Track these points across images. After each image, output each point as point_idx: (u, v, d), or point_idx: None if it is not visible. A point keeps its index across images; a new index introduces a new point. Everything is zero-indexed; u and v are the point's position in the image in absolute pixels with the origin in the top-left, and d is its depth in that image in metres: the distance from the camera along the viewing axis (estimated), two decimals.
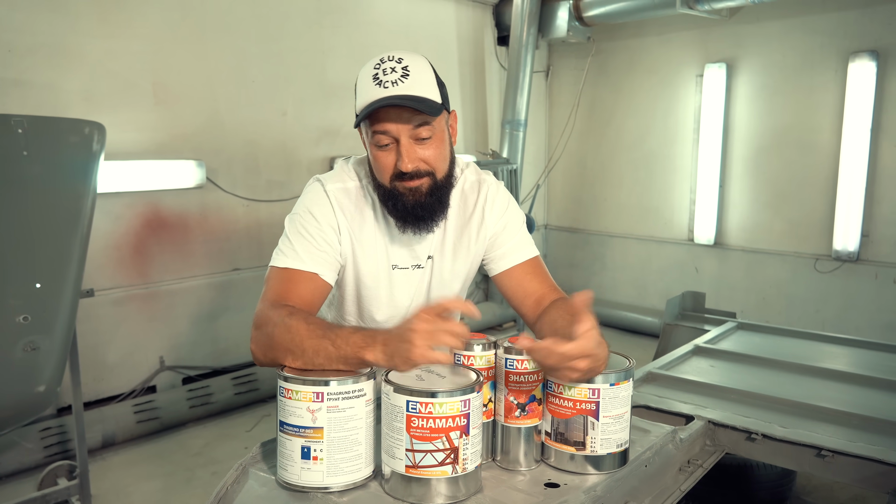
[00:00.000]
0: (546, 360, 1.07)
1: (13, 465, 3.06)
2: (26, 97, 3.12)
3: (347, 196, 1.36)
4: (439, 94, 1.28)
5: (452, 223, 1.43)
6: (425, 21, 4.89)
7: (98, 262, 3.40)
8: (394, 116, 1.23)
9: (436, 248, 1.43)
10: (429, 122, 1.26)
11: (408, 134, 1.25)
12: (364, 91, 1.25)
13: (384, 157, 1.27)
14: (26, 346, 2.19)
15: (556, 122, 5.91)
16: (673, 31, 5.01)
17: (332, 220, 1.33)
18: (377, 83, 1.23)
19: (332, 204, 1.34)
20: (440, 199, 1.33)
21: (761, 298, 4.80)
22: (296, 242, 1.31)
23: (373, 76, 1.24)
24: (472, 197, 1.45)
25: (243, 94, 3.89)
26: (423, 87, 1.25)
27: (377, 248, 1.38)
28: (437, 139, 1.29)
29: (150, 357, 3.68)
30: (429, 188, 1.29)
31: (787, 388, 2.02)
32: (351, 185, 1.38)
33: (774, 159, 4.64)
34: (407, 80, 1.23)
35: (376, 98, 1.22)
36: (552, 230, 6.13)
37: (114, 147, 3.32)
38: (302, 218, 1.33)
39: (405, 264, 1.41)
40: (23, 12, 3.06)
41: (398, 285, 1.41)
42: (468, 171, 1.47)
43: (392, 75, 1.23)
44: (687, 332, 2.90)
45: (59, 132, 2.38)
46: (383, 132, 1.25)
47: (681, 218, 5.17)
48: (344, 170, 1.40)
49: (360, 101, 1.26)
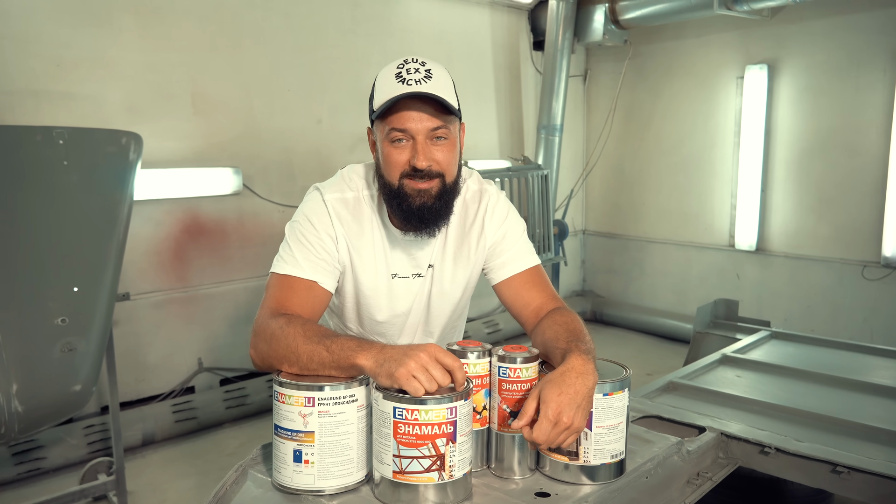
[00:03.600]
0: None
1: (59, 460, 3.21)
2: (73, 109, 3.27)
3: (345, 206, 1.39)
4: (456, 100, 1.31)
5: (453, 232, 1.44)
6: (459, 27, 4.91)
7: (139, 267, 3.53)
8: (415, 115, 1.25)
9: (436, 256, 1.44)
10: (446, 126, 1.28)
11: (425, 133, 1.27)
12: (385, 87, 1.27)
13: (397, 153, 1.29)
14: (64, 347, 2.29)
15: (594, 127, 5.85)
16: (712, 32, 4.90)
17: (329, 229, 1.36)
18: (400, 80, 1.25)
19: (330, 213, 1.36)
20: (446, 203, 1.34)
21: (806, 307, 4.65)
22: (295, 250, 1.34)
23: (396, 74, 1.27)
24: (472, 207, 1.46)
25: (279, 103, 3.99)
26: (444, 90, 1.27)
27: (376, 256, 1.40)
28: (451, 143, 1.31)
29: (188, 359, 3.79)
30: (438, 191, 1.31)
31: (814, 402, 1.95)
32: (349, 195, 1.40)
33: (819, 162, 4.49)
34: (430, 81, 1.26)
35: (400, 93, 1.24)
36: (590, 235, 6.07)
37: (154, 155, 3.45)
38: (301, 225, 1.36)
39: (405, 273, 1.42)
40: (69, 28, 3.21)
41: (398, 294, 1.42)
42: (470, 181, 1.48)
43: (416, 75, 1.26)
44: (717, 341, 2.83)
45: (97, 142, 2.49)
46: (401, 129, 1.26)
47: (721, 223, 5.05)
48: (343, 179, 1.43)
49: (380, 96, 1.28)
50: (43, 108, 3.18)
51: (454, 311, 1.52)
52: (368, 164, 1.46)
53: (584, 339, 1.21)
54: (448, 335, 1.57)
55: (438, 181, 1.30)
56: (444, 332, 1.54)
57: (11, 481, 3.06)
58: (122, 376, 3.47)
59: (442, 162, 1.29)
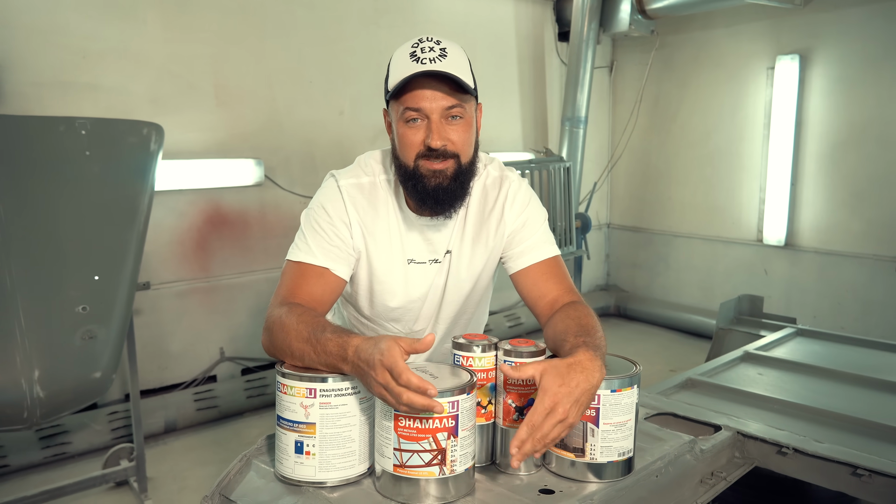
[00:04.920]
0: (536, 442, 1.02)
1: (84, 445, 3.27)
2: (98, 100, 3.31)
3: (360, 191, 1.38)
4: (472, 80, 1.29)
5: (472, 218, 1.42)
6: (483, 19, 4.86)
7: (163, 257, 3.58)
8: (429, 94, 1.24)
9: (454, 242, 1.42)
10: (461, 105, 1.26)
11: (440, 112, 1.25)
12: (399, 67, 1.26)
13: (412, 133, 1.27)
14: (84, 334, 2.33)
15: (620, 119, 5.76)
16: (742, 22, 4.78)
17: (343, 215, 1.35)
18: (415, 59, 1.24)
19: (344, 199, 1.35)
20: (462, 184, 1.32)
21: (836, 303, 4.53)
22: (309, 237, 1.34)
23: (410, 53, 1.25)
24: (493, 193, 1.43)
25: (301, 95, 4.00)
26: (460, 69, 1.25)
27: (392, 241, 1.38)
28: (466, 123, 1.29)
29: (210, 348, 3.83)
30: (453, 172, 1.29)
31: (838, 401, 1.89)
32: (365, 180, 1.39)
33: (852, 156, 4.36)
34: (445, 60, 1.24)
35: (414, 71, 1.22)
36: (615, 229, 5.99)
37: (177, 146, 3.49)
38: (315, 213, 1.36)
39: (422, 259, 1.40)
40: (94, 20, 3.25)
41: (413, 280, 1.41)
42: (491, 167, 1.45)
43: (430, 53, 1.24)
44: (741, 338, 2.77)
45: (118, 133, 2.52)
46: (416, 108, 1.25)
47: (749, 217, 4.94)
48: (360, 164, 1.42)
49: (395, 75, 1.26)
50: (69, 99, 3.23)
51: (469, 298, 1.49)
52: (385, 150, 1.45)
53: (595, 335, 1.18)
54: (464, 324, 1.54)
55: (454, 161, 1.28)
56: (461, 320, 1.52)
57: (38, 465, 3.13)
58: (145, 364, 3.53)
59: (457, 142, 1.28)
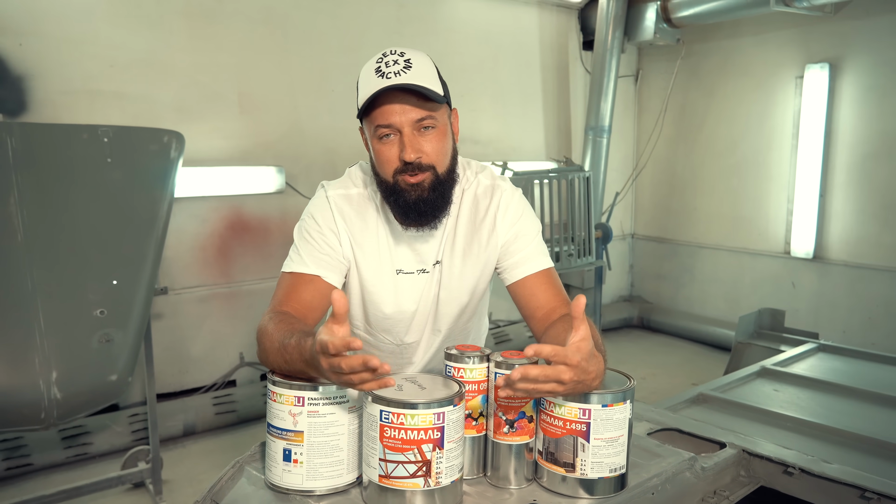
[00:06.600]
0: (528, 372, 0.99)
1: (105, 446, 3.34)
2: (125, 108, 3.39)
3: (348, 202, 1.39)
4: (441, 86, 1.29)
5: (463, 228, 1.41)
6: (507, 27, 4.86)
7: (184, 262, 3.64)
8: (398, 108, 1.24)
9: (445, 252, 1.42)
10: (431, 115, 1.26)
11: (411, 125, 1.25)
12: (366, 84, 1.26)
13: (387, 149, 1.28)
14: (101, 337, 2.38)
15: (645, 128, 5.70)
16: (770, 30, 4.70)
17: (331, 224, 1.36)
18: (380, 74, 1.24)
19: (332, 209, 1.37)
20: (442, 194, 1.32)
21: (867, 318, 4.40)
22: (301, 247, 1.35)
23: (375, 69, 1.26)
24: (484, 202, 1.43)
25: (323, 104, 4.04)
26: (426, 78, 1.25)
27: (380, 252, 1.39)
28: (439, 132, 1.29)
29: (230, 353, 3.88)
30: (431, 184, 1.29)
31: (855, 421, 1.84)
32: (353, 191, 1.40)
33: (884, 167, 4.24)
34: (409, 72, 1.24)
35: (379, 87, 1.23)
36: (639, 240, 5.92)
37: (201, 154, 3.55)
38: (306, 223, 1.38)
39: (410, 269, 1.40)
40: (122, 30, 3.34)
41: (403, 291, 1.41)
42: (482, 176, 1.45)
43: (395, 67, 1.24)
44: (760, 353, 2.71)
45: (140, 141, 2.58)
46: (386, 124, 1.25)
47: (776, 229, 4.84)
48: (349, 176, 1.43)
49: (363, 93, 1.27)
50: (97, 107, 3.32)
51: (464, 309, 1.48)
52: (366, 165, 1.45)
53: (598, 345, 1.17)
54: (460, 335, 1.53)
55: (430, 174, 1.29)
56: (454, 332, 1.51)
57: (60, 464, 3.20)
58: (165, 368, 3.59)
59: (431, 153, 1.28)
